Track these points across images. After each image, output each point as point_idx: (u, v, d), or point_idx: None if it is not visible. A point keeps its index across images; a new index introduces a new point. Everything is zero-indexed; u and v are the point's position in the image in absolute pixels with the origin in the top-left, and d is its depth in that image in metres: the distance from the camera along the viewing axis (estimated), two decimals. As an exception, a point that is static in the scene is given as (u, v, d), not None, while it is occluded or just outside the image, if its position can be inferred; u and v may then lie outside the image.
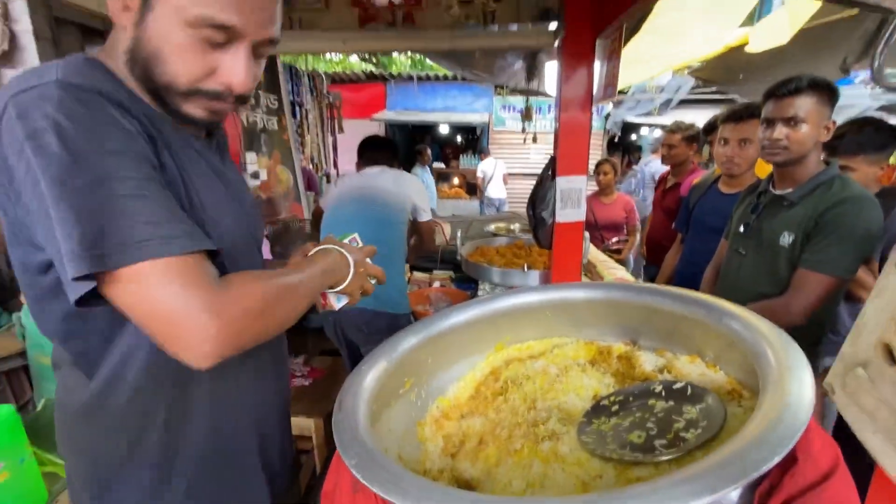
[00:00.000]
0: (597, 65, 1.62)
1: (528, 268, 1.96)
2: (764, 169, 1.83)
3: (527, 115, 3.49)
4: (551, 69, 1.81)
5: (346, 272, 0.82)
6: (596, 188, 3.73)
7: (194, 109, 0.64)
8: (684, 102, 6.58)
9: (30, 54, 1.83)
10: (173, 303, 0.51)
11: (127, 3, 0.59)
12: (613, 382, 1.00)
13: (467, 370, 1.18)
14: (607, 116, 8.06)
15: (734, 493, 0.49)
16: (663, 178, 3.14)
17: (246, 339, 0.57)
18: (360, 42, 1.67)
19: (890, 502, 0.32)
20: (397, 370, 0.99)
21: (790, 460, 0.54)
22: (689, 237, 2.19)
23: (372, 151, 1.99)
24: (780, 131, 1.36)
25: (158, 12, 0.57)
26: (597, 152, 7.99)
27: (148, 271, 0.50)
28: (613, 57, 1.50)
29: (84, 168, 0.49)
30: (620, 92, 7.77)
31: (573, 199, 1.75)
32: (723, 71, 3.36)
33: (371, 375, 0.90)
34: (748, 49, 2.80)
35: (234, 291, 0.55)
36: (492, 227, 3.08)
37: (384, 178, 1.94)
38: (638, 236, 3.65)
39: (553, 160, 1.73)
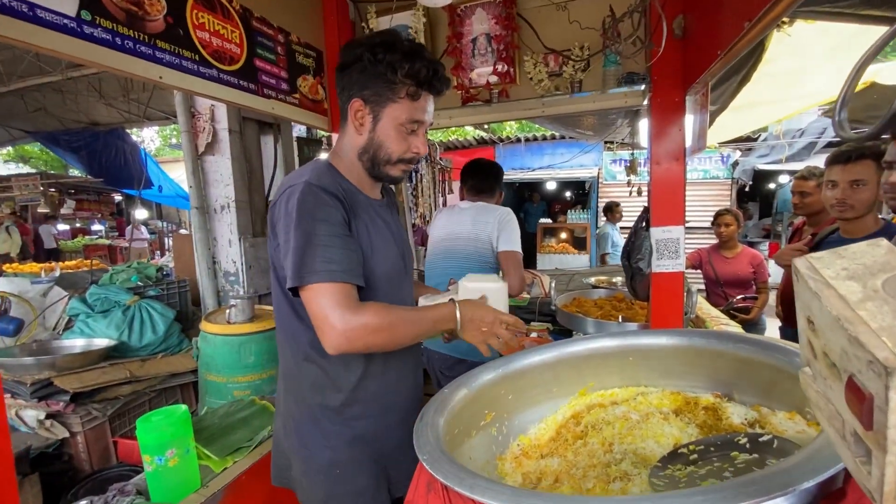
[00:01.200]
0: (688, 118, 1.65)
1: (625, 319, 1.92)
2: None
3: (632, 168, 3.46)
4: (644, 126, 1.87)
5: (451, 324, 1.06)
6: (716, 241, 3.47)
7: (396, 171, 1.11)
8: (830, 146, 5.82)
9: (224, 145, 2.48)
10: (324, 311, 0.92)
11: (364, 122, 1.06)
12: (697, 433, 0.97)
13: (549, 412, 1.23)
14: (735, 164, 7.43)
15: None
16: (798, 229, 2.82)
17: (360, 345, 0.95)
18: (462, 117, 1.95)
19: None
20: (477, 400, 1.09)
21: (839, 494, 0.52)
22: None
23: (473, 179, 2.02)
24: None
25: (383, 123, 1.05)
26: (723, 203, 7.34)
27: (317, 289, 0.92)
28: (702, 111, 1.53)
29: (302, 227, 0.94)
30: (749, 139, 7.17)
31: (670, 249, 1.72)
32: (864, 109, 3.00)
33: (453, 398, 1.02)
34: (879, 81, 2.50)
35: (363, 312, 0.93)
36: (592, 279, 3.04)
37: (464, 220, 1.94)
38: (771, 294, 3.25)
39: (646, 210, 1.75)
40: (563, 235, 8.19)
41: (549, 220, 8.86)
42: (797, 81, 2.85)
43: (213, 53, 1.37)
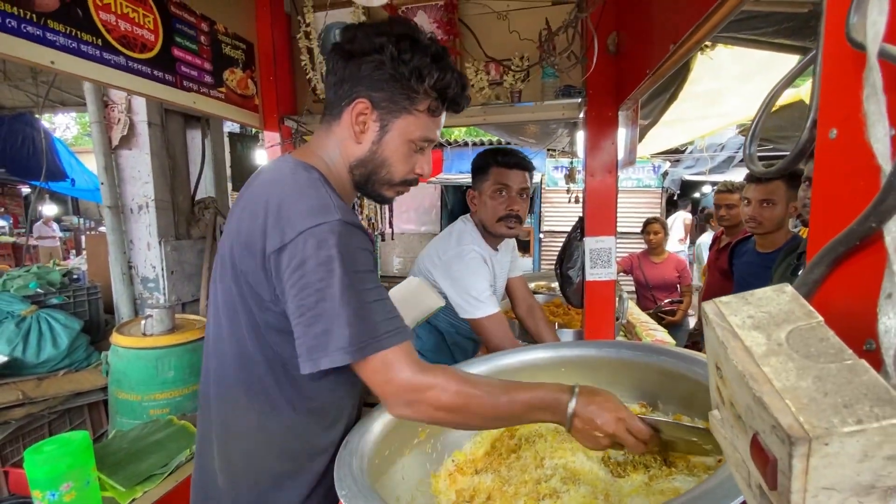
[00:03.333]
0: (621, 132, 1.71)
1: (561, 326, 1.96)
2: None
3: (570, 176, 3.58)
4: (580, 138, 1.92)
5: (557, 417, 0.82)
6: (645, 247, 3.67)
7: (391, 193, 0.93)
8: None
9: (143, 139, 2.26)
10: (399, 374, 0.74)
11: (367, 131, 0.85)
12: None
13: (484, 425, 1.21)
14: (665, 175, 7.94)
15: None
16: (717, 238, 3.03)
17: (425, 409, 0.76)
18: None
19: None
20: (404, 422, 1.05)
21: None
22: (735, 298, 2.10)
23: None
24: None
25: (392, 136, 0.85)
26: (654, 211, 7.81)
27: (393, 355, 0.74)
28: (633, 125, 1.58)
29: (352, 284, 0.72)
30: (677, 151, 7.69)
31: (603, 258, 1.77)
32: (775, 129, 3.29)
33: (382, 419, 0.97)
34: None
35: (434, 373, 0.76)
36: (531, 284, 3.09)
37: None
38: (694, 297, 3.48)
39: (581, 220, 1.79)
40: (508, 239, 8.35)
41: (495, 224, 9.00)
42: (717, 101, 3.07)
43: (121, 39, 1.23)
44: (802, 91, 2.86)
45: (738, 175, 6.40)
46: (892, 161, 0.25)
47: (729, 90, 2.99)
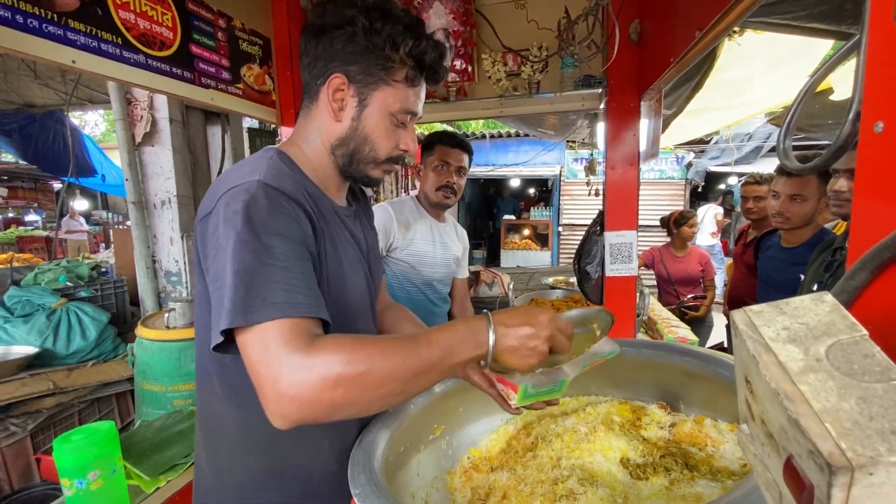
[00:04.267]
0: (643, 123, 1.65)
1: (579, 322, 1.93)
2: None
3: (590, 168, 3.50)
4: (601, 130, 1.87)
5: (479, 348, 0.69)
6: (668, 240, 3.58)
7: (378, 173, 0.88)
8: (774, 150, 6.15)
9: (165, 135, 2.30)
10: (268, 358, 0.60)
11: (344, 105, 0.82)
12: (642, 447, 0.96)
13: (501, 423, 1.20)
14: (689, 166, 7.73)
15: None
16: (744, 232, 2.94)
17: (322, 407, 0.59)
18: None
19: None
20: (425, 415, 1.04)
21: None
22: (760, 294, 2.02)
23: None
24: (843, 184, 1.28)
25: (371, 109, 0.82)
26: (677, 203, 7.62)
27: (266, 329, 0.61)
28: (656, 116, 1.53)
29: (250, 243, 0.64)
30: (702, 141, 7.47)
31: (623, 253, 1.73)
32: (806, 117, 3.15)
33: (398, 415, 0.97)
34: (833, 98, 2.63)
35: (319, 351, 0.60)
36: (550, 279, 3.06)
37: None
38: (717, 291, 3.39)
39: (601, 215, 1.75)
40: (527, 232, 8.28)
41: (513, 217, 8.93)
42: (745, 89, 2.96)
43: (140, 37, 1.24)
44: (832, 77, 2.73)
45: (765, 166, 6.18)
46: (952, 158, 0.23)
47: (758, 78, 2.87)
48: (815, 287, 1.47)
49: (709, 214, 6.83)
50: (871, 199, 0.30)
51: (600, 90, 1.62)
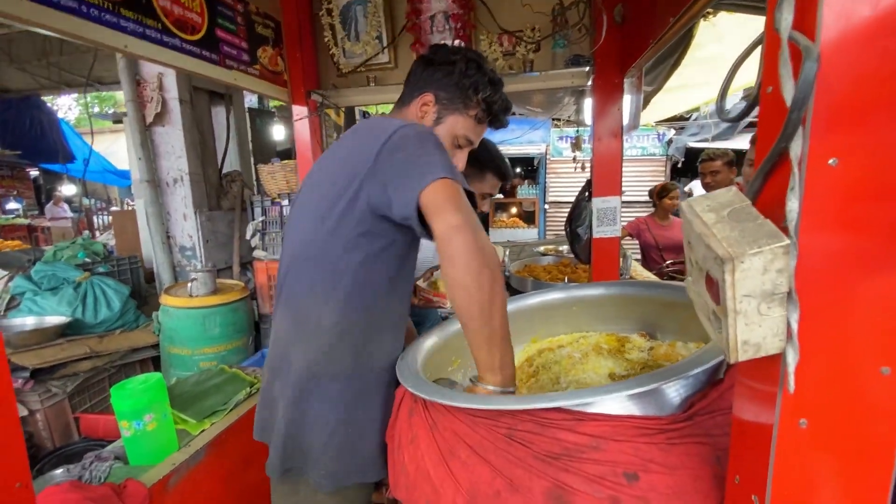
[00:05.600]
0: (626, 99, 1.84)
1: (570, 281, 2.14)
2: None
3: (576, 144, 3.68)
4: (588, 106, 2.05)
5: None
6: (652, 210, 3.82)
7: None
8: (752, 125, 6.41)
9: (175, 115, 2.40)
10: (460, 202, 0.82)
11: (427, 117, 1.07)
12: (626, 365, 1.18)
13: (507, 358, 1.40)
14: (669, 142, 7.98)
15: (674, 396, 0.68)
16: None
17: (475, 254, 0.79)
18: (422, 92, 2.03)
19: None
20: (446, 348, 1.24)
21: (717, 381, 0.72)
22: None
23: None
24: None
25: (444, 126, 1.08)
26: (659, 179, 7.88)
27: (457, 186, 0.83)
28: (637, 92, 1.72)
29: (443, 149, 0.90)
30: (682, 118, 7.70)
31: (609, 216, 1.94)
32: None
33: (427, 343, 1.16)
34: None
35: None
36: (541, 248, 3.27)
37: None
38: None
39: (588, 183, 1.95)
40: (514, 210, 8.49)
41: (501, 196, 9.12)
42: (721, 66, 3.15)
43: (176, 22, 1.37)
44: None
45: (742, 142, 6.46)
46: (790, 104, 0.42)
47: (732, 55, 3.05)
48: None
49: (698, 189, 7.15)
50: (765, 137, 0.50)
51: (588, 69, 1.79)
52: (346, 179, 0.94)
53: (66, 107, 13.64)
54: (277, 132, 3.53)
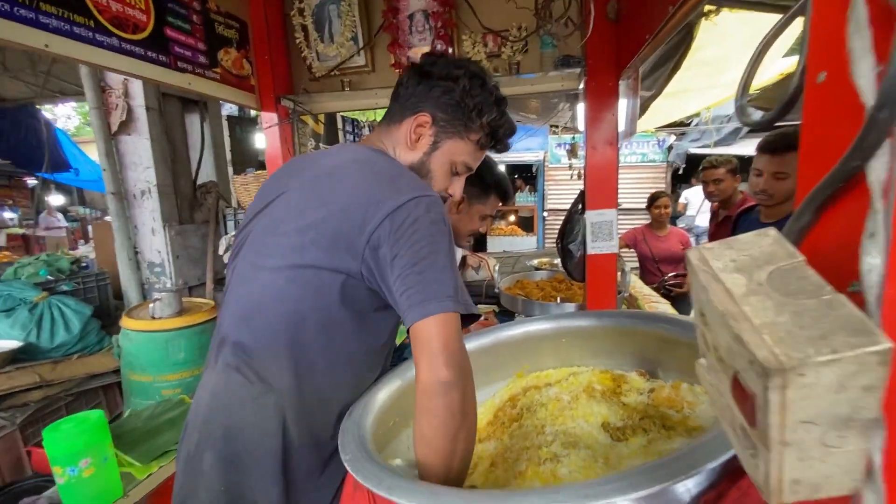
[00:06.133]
0: (622, 103, 1.68)
1: (563, 300, 1.97)
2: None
3: (573, 151, 3.54)
4: (580, 111, 1.90)
5: None
6: (648, 221, 3.65)
7: None
8: (753, 131, 6.25)
9: (141, 123, 2.25)
10: (451, 339, 0.74)
11: (421, 141, 0.95)
12: (622, 411, 1.00)
13: (488, 396, 1.24)
14: (670, 148, 7.83)
15: (682, 493, 0.51)
16: (715, 212, 3.02)
17: (457, 394, 0.74)
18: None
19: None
20: (405, 396, 1.06)
21: (738, 472, 0.55)
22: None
23: None
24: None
25: (441, 152, 0.95)
26: (659, 186, 7.72)
27: (454, 319, 0.75)
28: (634, 95, 1.56)
29: (451, 250, 0.79)
30: (682, 124, 7.55)
31: (604, 231, 1.77)
32: (780, 99, 3.21)
33: (384, 392, 0.99)
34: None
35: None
36: (535, 261, 3.10)
37: None
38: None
39: (582, 194, 1.78)
40: (512, 218, 8.33)
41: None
42: (723, 69, 3.00)
43: (113, 20, 1.21)
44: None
45: (745, 147, 6.29)
46: (876, 97, 0.25)
47: (734, 57, 2.91)
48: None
49: (698, 197, 7.00)
50: (815, 147, 0.33)
51: (579, 70, 1.64)
52: (332, 232, 0.81)
53: (64, 116, 13.60)
54: (260, 141, 3.38)
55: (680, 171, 8.18)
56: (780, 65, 2.92)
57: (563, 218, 1.88)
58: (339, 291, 0.83)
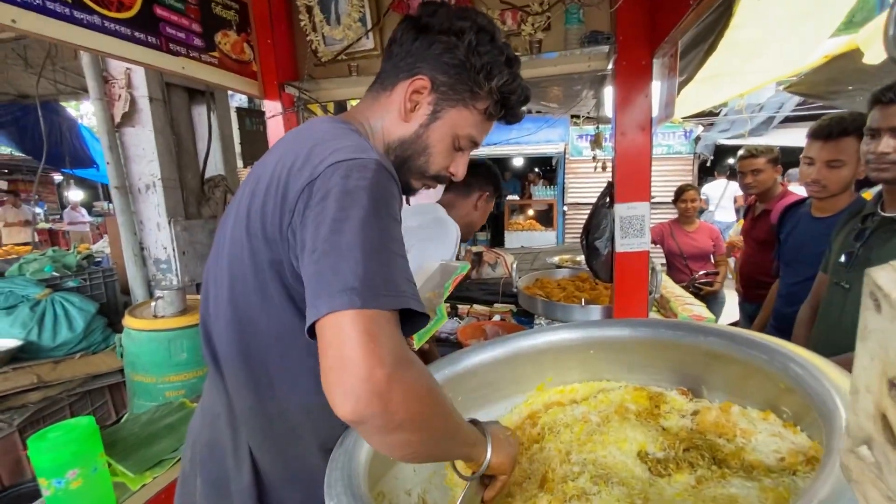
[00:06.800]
0: (655, 85, 1.51)
1: (587, 302, 1.82)
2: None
3: (596, 142, 3.34)
4: (609, 94, 1.73)
5: (480, 457, 0.71)
6: (676, 216, 3.45)
7: (418, 185, 0.87)
8: (788, 120, 5.91)
9: (145, 115, 2.17)
10: (372, 345, 0.52)
11: (418, 110, 0.79)
12: (662, 438, 0.85)
13: (505, 412, 1.11)
14: (697, 139, 7.49)
15: None
16: (751, 206, 2.80)
17: (395, 408, 0.52)
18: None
19: None
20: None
21: None
22: (783, 271, 1.89)
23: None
24: (889, 143, 1.14)
25: (441, 122, 0.80)
26: (685, 179, 7.42)
27: (380, 317, 0.54)
28: (671, 75, 1.39)
29: (376, 222, 0.58)
30: (711, 113, 7.21)
31: (635, 227, 1.61)
32: (825, 84, 2.96)
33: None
34: (866, 60, 2.44)
35: (415, 363, 0.57)
36: (555, 258, 2.94)
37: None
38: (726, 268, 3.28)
39: (610, 186, 1.62)
40: (531, 212, 8.13)
41: (517, 197, 8.77)
42: (760, 52, 2.77)
43: (94, -4, 1.11)
44: (859, 37, 2.53)
45: (778, 137, 5.95)
46: None
47: (773, 40, 2.68)
48: (842, 258, 1.34)
49: (729, 190, 6.69)
50: None
51: (608, 48, 1.47)
52: (261, 218, 0.68)
53: (90, 113, 13.90)
54: (270, 132, 3.27)
55: (708, 164, 7.85)
56: (826, 46, 2.67)
57: (585, 213, 1.73)
58: (281, 289, 0.68)
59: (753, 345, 0.81)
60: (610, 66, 1.55)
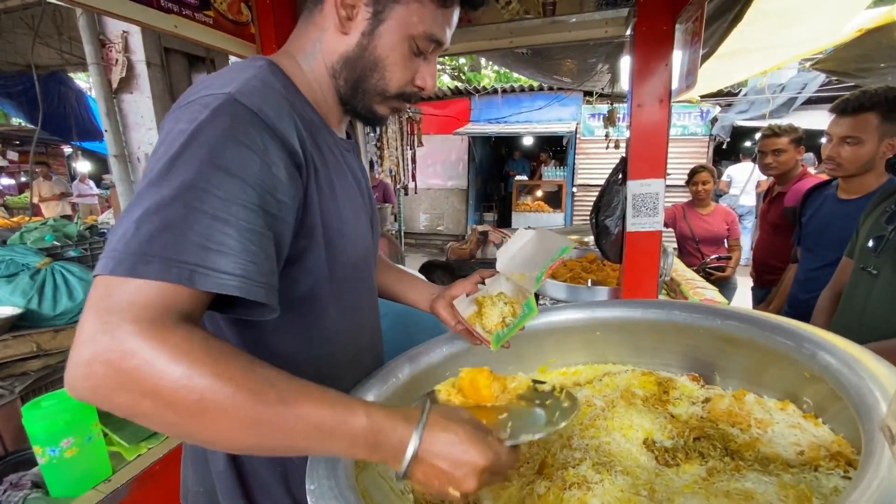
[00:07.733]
0: (676, 54, 1.41)
1: (594, 283, 1.75)
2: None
3: (609, 119, 3.22)
4: (626, 64, 1.63)
5: (393, 456, 0.51)
6: (690, 198, 3.34)
7: (384, 109, 0.72)
8: (810, 102, 5.68)
9: (143, 80, 2.11)
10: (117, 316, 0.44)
11: (354, 14, 0.64)
12: (670, 425, 0.80)
13: (504, 393, 1.06)
14: (714, 121, 7.26)
15: None
16: (770, 189, 2.69)
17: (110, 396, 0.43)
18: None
19: None
20: (419, 384, 0.90)
21: None
22: (803, 255, 1.81)
23: None
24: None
25: (388, 26, 0.64)
26: (700, 160, 7.22)
27: (145, 290, 0.45)
28: (695, 42, 1.29)
29: (183, 175, 0.48)
30: (730, 93, 6.96)
31: (648, 205, 1.53)
32: (856, 60, 2.80)
33: (389, 380, 0.82)
34: None
35: (175, 338, 0.44)
36: (564, 238, 2.87)
37: None
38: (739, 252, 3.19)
39: (623, 161, 1.54)
40: (539, 193, 7.99)
41: (525, 178, 8.62)
42: (791, 21, 2.61)
43: (75, -58, 1.04)
44: (898, 13, 2.37)
45: (800, 119, 5.73)
46: None
47: (806, 8, 2.52)
48: (870, 243, 1.26)
49: (756, 174, 6.52)
50: None
51: (627, 11, 1.37)
52: None
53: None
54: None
55: (724, 146, 7.61)
56: (860, 19, 2.50)
57: (594, 195, 1.64)
58: None
59: (779, 330, 0.75)
60: (629, 32, 1.45)
